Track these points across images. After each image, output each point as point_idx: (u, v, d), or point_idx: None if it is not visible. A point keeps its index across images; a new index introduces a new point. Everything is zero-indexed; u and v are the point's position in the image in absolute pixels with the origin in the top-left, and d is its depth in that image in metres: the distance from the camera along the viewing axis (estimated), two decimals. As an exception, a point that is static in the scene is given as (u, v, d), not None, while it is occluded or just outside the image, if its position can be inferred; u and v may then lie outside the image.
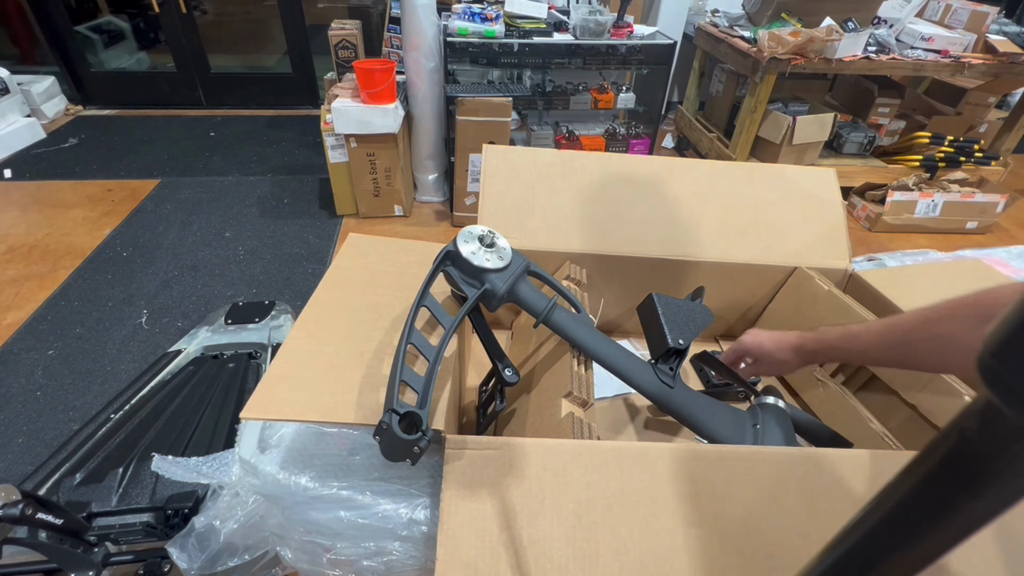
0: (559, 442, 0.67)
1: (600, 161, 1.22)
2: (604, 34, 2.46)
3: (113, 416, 1.09)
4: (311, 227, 2.49)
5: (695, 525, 0.67)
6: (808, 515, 0.68)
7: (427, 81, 2.35)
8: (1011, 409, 0.15)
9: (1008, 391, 0.15)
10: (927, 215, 2.63)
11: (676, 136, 3.56)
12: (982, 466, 0.17)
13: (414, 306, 0.71)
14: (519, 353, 1.10)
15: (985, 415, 0.16)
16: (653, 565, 0.62)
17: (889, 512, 0.20)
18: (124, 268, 2.17)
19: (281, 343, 0.82)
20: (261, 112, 3.70)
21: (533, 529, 0.62)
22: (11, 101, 3.03)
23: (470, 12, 2.38)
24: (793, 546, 0.68)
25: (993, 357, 0.15)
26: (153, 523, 0.89)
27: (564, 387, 0.79)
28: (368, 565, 0.72)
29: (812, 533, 0.68)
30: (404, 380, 0.62)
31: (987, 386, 0.15)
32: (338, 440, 0.71)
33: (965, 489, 0.17)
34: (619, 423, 1.07)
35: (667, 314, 0.84)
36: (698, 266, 1.15)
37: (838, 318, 1.04)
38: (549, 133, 2.88)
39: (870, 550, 0.21)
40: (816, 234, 1.18)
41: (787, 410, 0.87)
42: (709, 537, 0.67)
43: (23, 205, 2.55)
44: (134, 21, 3.78)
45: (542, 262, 1.12)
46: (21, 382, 1.65)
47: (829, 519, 0.68)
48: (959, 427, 0.17)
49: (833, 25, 2.48)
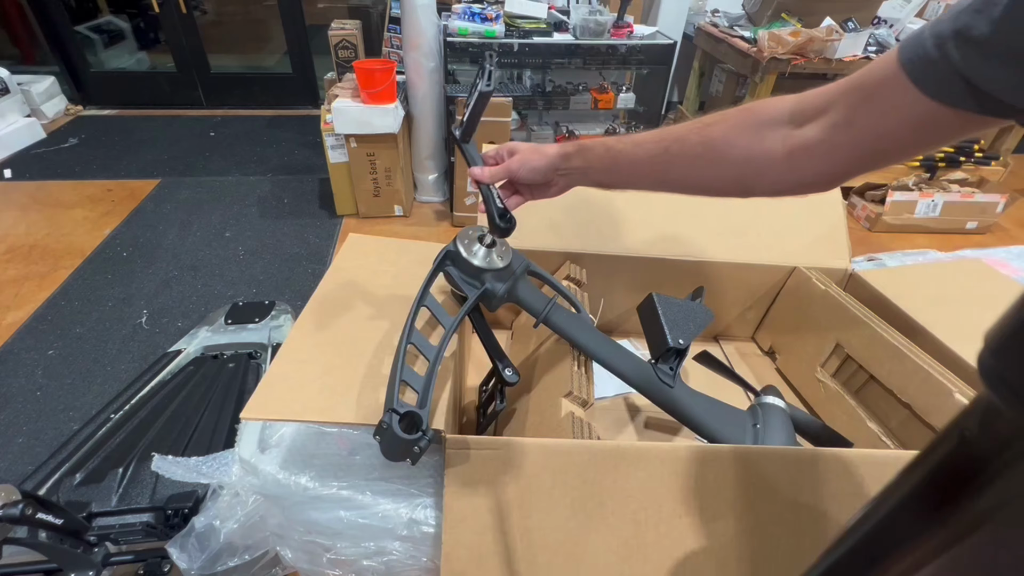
0: (559, 442, 0.67)
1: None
2: (604, 34, 2.46)
3: (113, 416, 1.09)
4: (311, 227, 2.49)
5: (688, 520, 0.67)
6: (806, 514, 0.68)
7: (427, 81, 2.35)
8: (1011, 409, 0.15)
9: (1008, 391, 0.15)
10: (927, 215, 2.63)
11: (676, 136, 3.56)
12: (982, 466, 0.17)
13: (414, 306, 0.71)
14: (519, 353, 1.10)
15: (985, 415, 0.16)
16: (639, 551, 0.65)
17: (889, 512, 0.20)
18: (124, 268, 2.17)
19: (281, 343, 0.82)
20: (261, 112, 3.70)
21: (530, 520, 0.65)
22: (11, 101, 3.03)
23: (470, 12, 2.38)
24: (791, 545, 0.68)
25: (993, 357, 0.15)
26: (153, 523, 0.89)
27: (564, 387, 0.79)
28: (368, 565, 0.72)
29: (810, 533, 0.68)
30: (404, 380, 0.62)
31: (987, 386, 0.15)
32: (338, 440, 0.71)
33: (965, 489, 0.17)
34: (619, 423, 1.07)
35: (667, 314, 0.84)
36: (698, 266, 1.15)
37: (837, 318, 1.04)
38: (549, 133, 2.88)
39: (870, 550, 0.21)
40: (816, 234, 1.18)
41: (787, 409, 0.87)
42: (703, 534, 0.67)
43: (23, 205, 2.55)
44: (134, 21, 3.78)
45: (542, 262, 1.12)
46: (21, 382, 1.65)
47: (828, 519, 0.68)
48: (959, 427, 0.17)
49: (833, 25, 2.48)
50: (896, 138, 0.42)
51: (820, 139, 0.46)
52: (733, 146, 0.52)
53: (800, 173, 0.49)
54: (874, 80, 0.41)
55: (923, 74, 0.37)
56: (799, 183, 0.50)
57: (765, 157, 0.50)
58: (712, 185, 0.57)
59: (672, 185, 0.60)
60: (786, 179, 0.50)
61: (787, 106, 0.49)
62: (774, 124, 0.50)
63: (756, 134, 0.51)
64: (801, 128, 0.48)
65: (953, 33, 0.34)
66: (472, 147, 0.77)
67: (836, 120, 0.45)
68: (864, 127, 0.43)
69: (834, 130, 0.45)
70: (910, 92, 0.38)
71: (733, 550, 0.67)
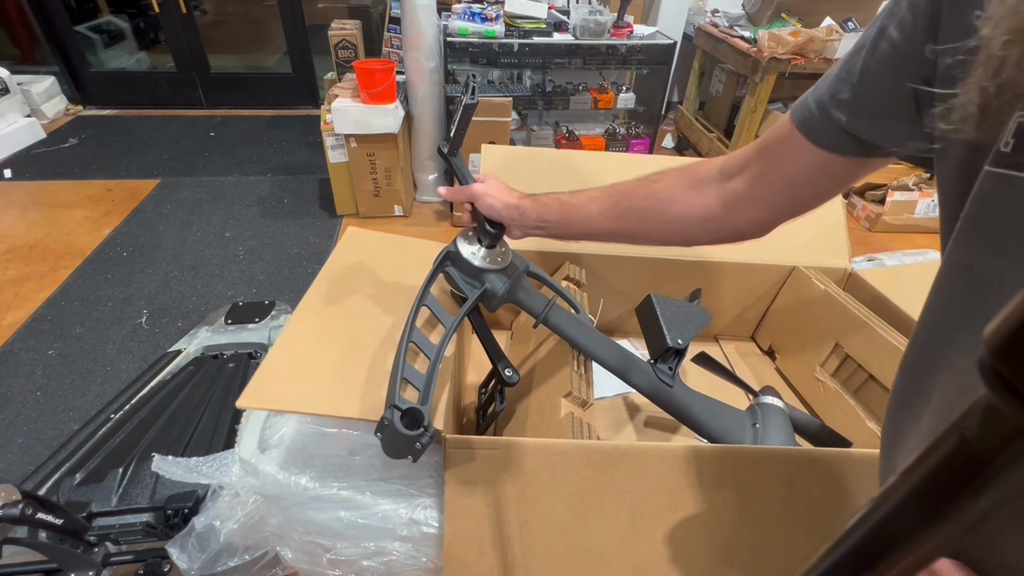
0: (558, 442, 0.68)
1: (600, 161, 1.22)
2: (604, 34, 2.46)
3: (113, 416, 1.09)
4: (311, 227, 2.49)
5: (685, 515, 0.67)
6: (805, 514, 0.68)
7: (427, 81, 2.35)
8: (1011, 409, 0.15)
9: (1008, 391, 0.15)
10: (927, 215, 2.63)
11: (676, 136, 3.56)
12: (982, 466, 0.17)
13: (415, 305, 0.71)
14: (519, 353, 1.10)
15: (985, 415, 0.16)
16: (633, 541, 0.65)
17: (888, 513, 0.20)
18: (124, 268, 2.17)
19: (281, 343, 0.82)
20: (261, 112, 3.70)
21: (529, 513, 0.67)
22: (11, 101, 3.03)
23: (470, 12, 2.38)
24: (789, 545, 0.68)
25: (993, 357, 0.15)
26: (153, 523, 0.89)
27: (564, 387, 0.79)
28: (368, 565, 0.72)
29: (808, 532, 0.68)
30: (405, 377, 0.62)
31: (987, 386, 0.15)
32: (338, 440, 0.71)
33: (965, 489, 0.17)
34: (619, 422, 1.07)
35: (666, 314, 0.84)
36: (697, 266, 1.15)
37: (837, 317, 1.04)
38: (549, 133, 2.88)
39: (869, 551, 0.21)
40: (815, 234, 1.18)
41: (786, 409, 0.87)
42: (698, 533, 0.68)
43: (23, 205, 2.55)
44: (134, 21, 3.78)
45: (542, 262, 1.12)
46: (21, 382, 1.64)
47: (827, 519, 0.68)
48: (959, 427, 0.17)
49: (833, 25, 2.48)
50: (803, 183, 0.50)
51: (745, 190, 0.54)
52: (675, 200, 0.60)
53: (736, 221, 0.57)
54: (776, 141, 0.50)
55: (812, 131, 0.46)
56: (736, 230, 0.58)
57: (704, 209, 0.58)
58: (659, 236, 0.64)
59: (622, 236, 0.66)
60: (723, 227, 0.58)
61: (716, 166, 0.58)
62: (707, 181, 0.58)
63: (694, 189, 0.59)
64: (730, 181, 0.56)
65: (828, 97, 0.44)
66: (460, 160, 0.79)
67: (755, 173, 0.53)
68: (776, 177, 0.51)
69: (755, 182, 0.53)
70: (805, 146, 0.47)
71: (730, 546, 0.67)
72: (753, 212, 0.55)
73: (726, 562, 0.68)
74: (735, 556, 0.68)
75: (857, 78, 0.41)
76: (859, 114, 0.42)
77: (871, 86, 0.41)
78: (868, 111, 0.41)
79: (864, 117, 0.42)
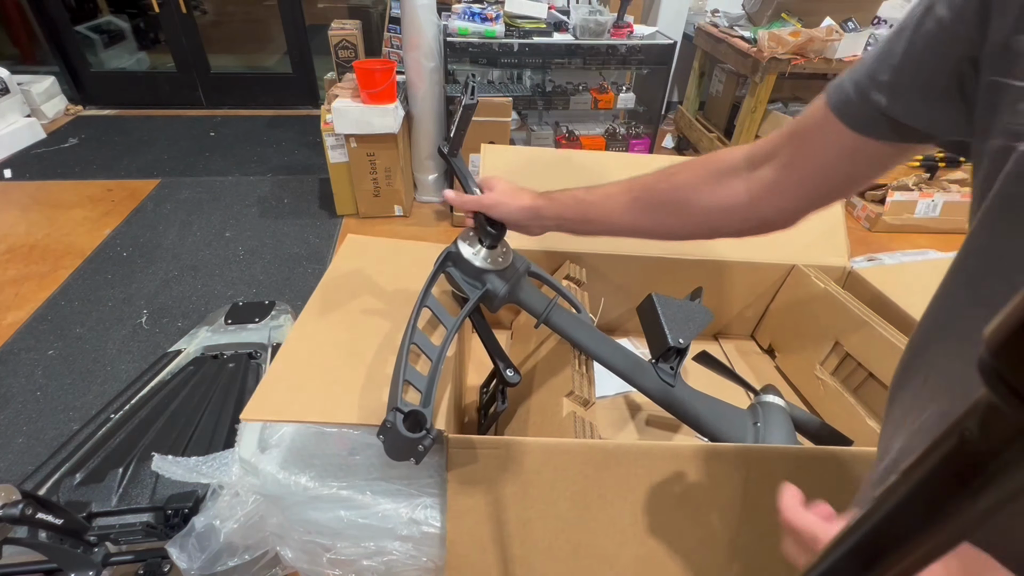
0: (560, 441, 0.68)
1: (600, 161, 1.22)
2: (604, 34, 2.46)
3: (113, 416, 1.09)
4: (311, 227, 2.49)
5: (686, 513, 0.67)
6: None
7: (427, 81, 2.35)
8: (1011, 409, 0.15)
9: (1008, 391, 0.15)
10: (927, 215, 2.63)
11: (676, 136, 3.56)
12: (982, 466, 0.17)
13: (416, 306, 0.71)
14: (520, 353, 1.10)
15: (985, 415, 0.16)
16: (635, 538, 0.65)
17: (888, 513, 0.20)
18: (124, 268, 2.17)
19: (281, 343, 0.82)
20: (261, 112, 3.70)
21: (531, 511, 0.67)
22: (11, 101, 3.03)
23: (470, 12, 2.38)
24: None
25: (993, 357, 0.15)
26: (153, 523, 0.89)
27: (565, 386, 0.79)
28: (368, 565, 0.72)
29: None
30: (407, 379, 0.62)
31: (987, 386, 0.15)
32: (338, 440, 0.71)
33: (965, 489, 0.17)
34: (620, 421, 1.07)
35: (667, 314, 0.84)
36: (697, 265, 1.15)
37: (836, 316, 1.04)
38: (549, 133, 2.88)
39: (869, 551, 0.21)
40: (815, 233, 1.18)
41: (787, 408, 0.87)
42: (700, 531, 0.68)
43: (23, 205, 2.55)
44: (134, 21, 3.78)
45: (542, 262, 1.12)
46: (21, 382, 1.65)
47: (829, 519, 0.68)
48: (959, 427, 0.17)
49: (833, 25, 2.48)
50: (835, 170, 0.48)
51: (774, 177, 0.52)
52: (699, 191, 0.58)
53: (763, 210, 0.55)
54: (809, 125, 0.48)
55: (848, 114, 0.44)
56: (762, 221, 0.56)
57: (730, 199, 0.56)
58: (683, 229, 0.62)
59: (644, 231, 0.65)
60: (750, 218, 0.56)
61: (742, 154, 0.55)
62: (733, 171, 0.56)
63: (718, 181, 0.57)
64: (757, 170, 0.54)
65: (868, 79, 0.42)
66: (460, 160, 0.79)
67: (784, 161, 0.51)
68: (807, 164, 0.50)
69: (784, 170, 0.51)
70: (840, 130, 0.45)
71: (731, 543, 0.67)
72: (781, 201, 0.53)
73: (728, 560, 0.68)
74: (737, 554, 0.68)
75: (899, 59, 0.39)
76: (899, 96, 0.40)
77: (914, 67, 0.39)
78: (909, 93, 0.40)
79: (904, 99, 0.40)
